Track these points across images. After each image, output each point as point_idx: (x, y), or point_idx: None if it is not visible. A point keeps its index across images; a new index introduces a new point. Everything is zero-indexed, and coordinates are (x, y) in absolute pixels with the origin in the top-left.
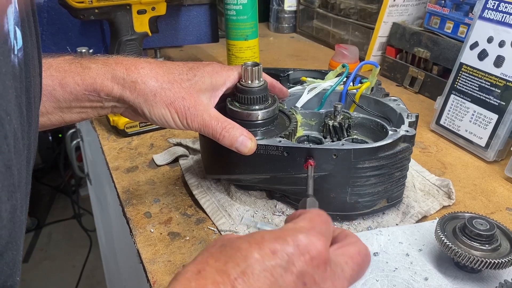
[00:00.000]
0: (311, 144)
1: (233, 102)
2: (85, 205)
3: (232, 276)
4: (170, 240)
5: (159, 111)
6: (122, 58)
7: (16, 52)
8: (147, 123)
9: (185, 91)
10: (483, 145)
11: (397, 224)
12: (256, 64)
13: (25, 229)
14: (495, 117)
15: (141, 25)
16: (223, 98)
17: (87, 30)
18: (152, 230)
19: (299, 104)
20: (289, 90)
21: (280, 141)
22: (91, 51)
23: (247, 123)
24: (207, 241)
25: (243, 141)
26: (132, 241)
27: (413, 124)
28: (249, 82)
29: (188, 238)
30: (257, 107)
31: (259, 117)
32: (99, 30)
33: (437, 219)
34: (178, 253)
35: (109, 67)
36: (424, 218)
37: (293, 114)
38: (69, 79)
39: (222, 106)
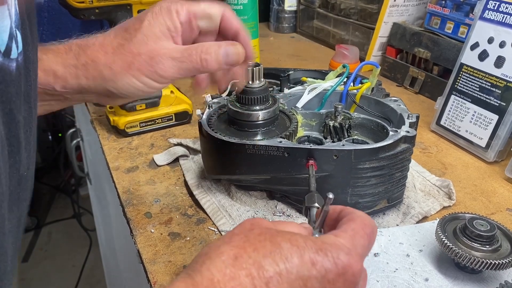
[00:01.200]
0: (311, 145)
1: (234, 103)
2: (85, 204)
3: (267, 273)
4: (171, 241)
5: (124, 81)
6: (73, 42)
7: (15, 56)
8: (148, 123)
9: (140, 44)
10: (484, 145)
11: (397, 225)
12: (256, 65)
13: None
14: (495, 117)
15: None
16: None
17: (88, 30)
18: (152, 231)
19: (300, 104)
20: (290, 90)
21: (280, 142)
22: None
23: (248, 124)
24: (207, 242)
25: (228, 50)
26: (132, 241)
27: (413, 125)
28: (250, 82)
29: (188, 238)
30: (257, 107)
31: (260, 118)
32: (99, 30)
33: (438, 219)
34: (178, 254)
35: (59, 57)
36: (424, 218)
37: (294, 114)
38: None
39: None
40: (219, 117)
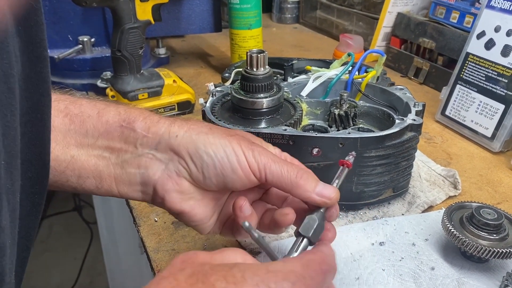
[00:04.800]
0: (317, 133)
1: (238, 90)
2: (85, 197)
3: None
4: (174, 229)
5: (217, 141)
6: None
7: None
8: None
9: (242, 135)
10: (489, 135)
11: (403, 214)
12: (261, 52)
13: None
14: (501, 107)
15: (143, 12)
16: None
17: (89, 18)
18: (156, 219)
19: (304, 92)
20: (294, 79)
21: (285, 130)
22: (93, 40)
23: (252, 111)
24: None
25: (325, 185)
26: (135, 231)
27: (420, 113)
28: (254, 69)
29: None
30: (262, 95)
31: (264, 105)
32: (101, 18)
33: (443, 209)
34: (182, 242)
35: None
36: (430, 208)
37: (298, 102)
38: (111, 108)
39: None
40: (222, 106)
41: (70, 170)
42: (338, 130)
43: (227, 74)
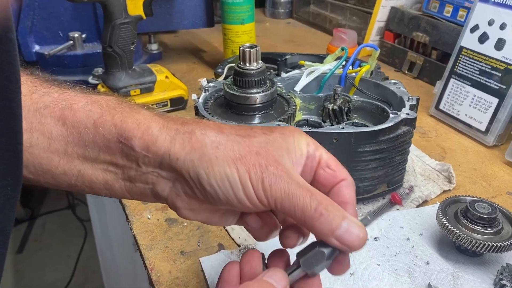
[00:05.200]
0: (310, 128)
1: (231, 86)
2: (79, 195)
3: None
4: (168, 226)
5: (221, 170)
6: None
7: None
8: None
9: (260, 146)
10: (483, 129)
11: (397, 209)
12: (254, 46)
13: None
14: (495, 101)
15: (135, 7)
16: None
17: (80, 14)
18: (149, 217)
19: (298, 88)
20: (287, 74)
21: (279, 125)
22: (83, 36)
23: (245, 107)
24: (204, 227)
25: (349, 227)
26: (128, 228)
27: (414, 107)
28: (247, 64)
29: (185, 224)
30: (255, 90)
31: (258, 101)
32: (92, 13)
33: (438, 203)
34: (175, 239)
35: (164, 118)
36: (424, 202)
37: (292, 98)
38: (107, 117)
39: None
40: (215, 101)
41: (80, 183)
42: (332, 125)
43: (220, 70)
